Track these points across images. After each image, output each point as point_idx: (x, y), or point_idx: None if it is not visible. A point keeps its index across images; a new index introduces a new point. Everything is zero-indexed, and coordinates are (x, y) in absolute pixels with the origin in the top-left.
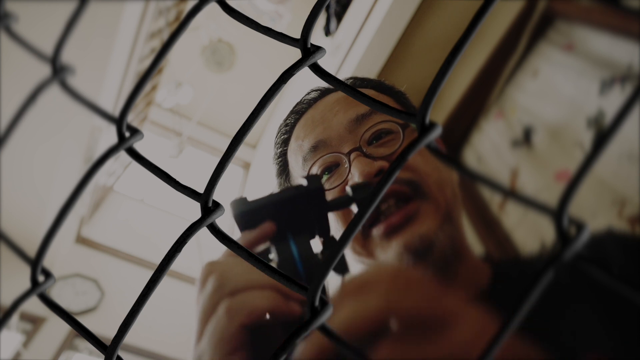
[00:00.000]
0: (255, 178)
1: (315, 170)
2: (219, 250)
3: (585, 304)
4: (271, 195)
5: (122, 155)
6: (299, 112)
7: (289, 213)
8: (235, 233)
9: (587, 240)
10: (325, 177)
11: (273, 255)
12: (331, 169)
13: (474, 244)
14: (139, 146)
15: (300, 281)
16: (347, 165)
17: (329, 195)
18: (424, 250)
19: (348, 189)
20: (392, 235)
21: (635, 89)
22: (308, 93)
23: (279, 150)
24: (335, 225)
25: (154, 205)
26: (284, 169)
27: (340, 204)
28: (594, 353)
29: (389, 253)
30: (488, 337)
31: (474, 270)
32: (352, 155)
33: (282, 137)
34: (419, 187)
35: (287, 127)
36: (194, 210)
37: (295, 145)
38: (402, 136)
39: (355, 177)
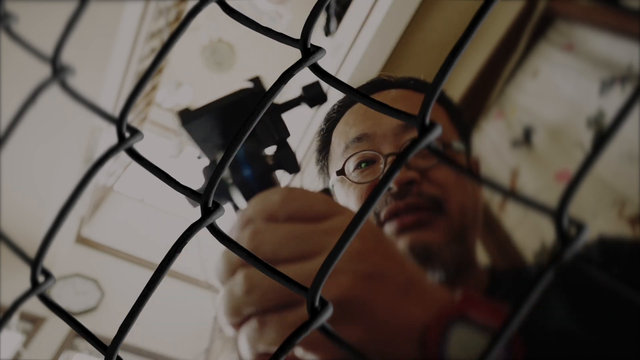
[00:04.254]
0: None
1: (353, 160)
2: (219, 250)
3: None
4: (216, 101)
5: (122, 155)
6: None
7: (238, 117)
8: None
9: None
10: (361, 167)
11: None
12: (368, 162)
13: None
14: (139, 146)
15: (248, 183)
16: (382, 165)
17: (358, 192)
18: (424, 257)
19: (300, 90)
20: (402, 233)
21: (635, 89)
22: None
23: (327, 126)
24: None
25: (154, 205)
26: (325, 146)
27: (291, 103)
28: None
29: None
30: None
31: (473, 284)
32: (389, 159)
33: (332, 115)
34: (441, 205)
35: (341, 107)
36: (194, 210)
37: (342, 129)
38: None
39: None
